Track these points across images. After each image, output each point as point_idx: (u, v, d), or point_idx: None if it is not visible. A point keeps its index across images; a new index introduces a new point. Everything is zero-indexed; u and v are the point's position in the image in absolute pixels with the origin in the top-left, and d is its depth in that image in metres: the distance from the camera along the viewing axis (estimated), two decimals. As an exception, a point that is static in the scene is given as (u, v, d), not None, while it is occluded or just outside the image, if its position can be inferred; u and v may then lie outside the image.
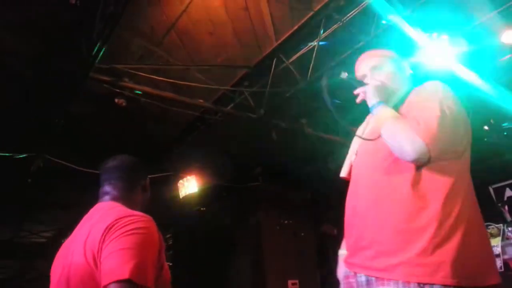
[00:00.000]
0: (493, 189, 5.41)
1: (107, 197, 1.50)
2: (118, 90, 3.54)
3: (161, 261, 1.34)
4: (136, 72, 3.53)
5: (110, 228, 1.26)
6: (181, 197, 5.10)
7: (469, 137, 1.43)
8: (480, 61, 3.50)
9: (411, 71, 1.64)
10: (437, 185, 1.31)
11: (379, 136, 1.42)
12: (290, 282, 5.30)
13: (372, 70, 1.58)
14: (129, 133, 4.67)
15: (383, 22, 3.10)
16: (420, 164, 1.32)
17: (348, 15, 3.29)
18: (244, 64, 3.94)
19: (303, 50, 3.73)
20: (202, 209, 6.08)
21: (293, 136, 4.83)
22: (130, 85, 3.53)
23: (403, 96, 1.53)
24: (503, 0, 3.11)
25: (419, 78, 1.65)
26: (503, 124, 4.46)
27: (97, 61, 3.08)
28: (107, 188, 1.51)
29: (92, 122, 4.45)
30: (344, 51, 3.42)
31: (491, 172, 4.73)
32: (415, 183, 1.32)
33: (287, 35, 3.63)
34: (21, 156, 4.29)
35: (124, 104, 3.72)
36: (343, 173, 1.63)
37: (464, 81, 3.93)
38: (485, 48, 3.44)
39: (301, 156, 5.61)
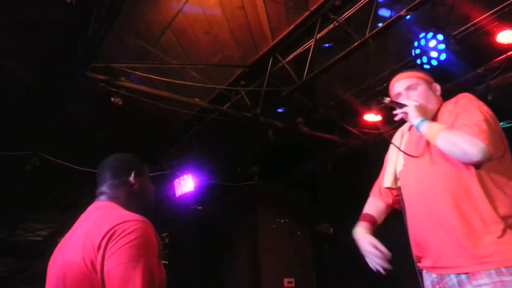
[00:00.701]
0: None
1: (103, 197, 1.50)
2: (114, 89, 3.53)
3: (159, 263, 1.35)
4: (132, 71, 3.53)
5: (111, 235, 1.26)
6: (177, 195, 5.11)
7: (505, 139, 1.60)
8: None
9: (440, 91, 1.78)
10: (499, 180, 1.49)
11: (428, 147, 1.62)
12: (286, 280, 5.31)
13: (407, 90, 1.73)
14: (126, 132, 4.68)
15: (379, 24, 3.10)
16: (482, 163, 1.48)
17: (344, 15, 3.31)
18: (240, 64, 3.95)
19: (299, 49, 3.75)
20: (198, 207, 6.09)
21: (289, 135, 4.85)
22: (126, 84, 3.53)
23: (434, 113, 1.70)
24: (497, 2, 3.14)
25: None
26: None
27: (93, 60, 3.08)
28: (102, 188, 1.51)
29: (89, 122, 4.45)
30: (340, 50, 3.44)
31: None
32: (481, 181, 1.48)
33: (283, 34, 3.65)
34: (17, 154, 4.29)
35: (120, 103, 3.72)
36: (388, 183, 1.78)
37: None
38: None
39: (298, 155, 5.63)
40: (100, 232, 1.27)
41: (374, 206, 1.91)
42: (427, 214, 1.57)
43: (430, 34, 3.30)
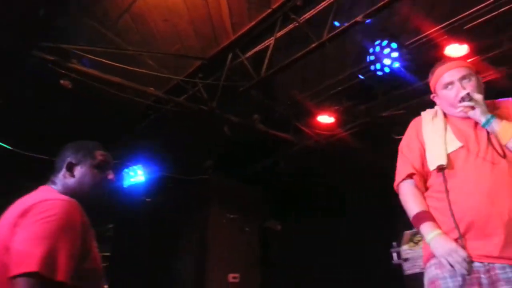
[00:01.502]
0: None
1: (47, 183, 1.51)
2: (64, 72, 3.37)
3: (87, 247, 1.31)
4: (85, 54, 3.38)
5: (25, 213, 1.22)
6: (125, 186, 4.96)
7: None
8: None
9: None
10: None
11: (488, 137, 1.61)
12: (231, 276, 5.33)
13: (461, 80, 1.67)
14: (74, 118, 4.47)
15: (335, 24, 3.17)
16: None
17: (304, 16, 3.35)
18: (199, 56, 3.90)
19: (258, 46, 3.76)
20: (148, 199, 5.96)
21: (245, 131, 4.86)
22: (77, 67, 3.38)
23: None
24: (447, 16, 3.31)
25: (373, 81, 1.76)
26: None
27: (42, 39, 2.91)
28: (52, 175, 1.53)
29: (35, 104, 4.21)
30: (298, 50, 3.48)
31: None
32: None
33: (244, 30, 3.64)
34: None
35: (70, 86, 3.56)
36: (441, 161, 1.63)
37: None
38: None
39: (252, 151, 5.65)
40: (19, 210, 1.24)
41: (422, 199, 1.70)
42: (490, 198, 1.52)
43: (384, 42, 3.43)
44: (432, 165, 1.65)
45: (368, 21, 3.03)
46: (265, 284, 5.77)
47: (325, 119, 4.76)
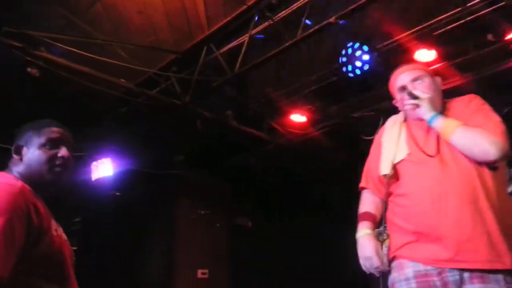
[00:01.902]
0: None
1: (6, 168, 1.44)
2: (30, 59, 3.26)
3: (40, 232, 1.23)
4: (54, 42, 3.28)
5: None
6: (93, 179, 4.85)
7: None
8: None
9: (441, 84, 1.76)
10: (503, 178, 1.55)
11: (438, 140, 1.59)
12: (200, 271, 5.32)
13: (413, 82, 1.68)
14: (41, 107, 4.33)
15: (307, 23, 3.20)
16: (499, 162, 1.50)
17: (279, 14, 3.37)
18: (173, 49, 3.85)
19: (233, 42, 3.75)
20: (116, 194, 5.85)
21: (218, 127, 4.84)
22: (45, 55, 3.28)
23: (440, 109, 1.66)
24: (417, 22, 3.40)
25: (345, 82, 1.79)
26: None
27: (7, 23, 2.81)
28: None
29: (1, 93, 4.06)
30: (272, 49, 3.50)
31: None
32: (497, 181, 1.51)
33: (219, 25, 3.63)
34: None
35: (37, 74, 3.45)
36: (386, 171, 1.67)
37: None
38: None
39: (224, 147, 5.64)
40: None
41: (372, 202, 1.78)
42: (439, 201, 1.50)
43: (357, 44, 3.48)
44: (381, 173, 1.70)
45: (342, 22, 3.08)
46: (234, 281, 5.78)
47: (298, 118, 4.80)
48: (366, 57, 3.56)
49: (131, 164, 5.15)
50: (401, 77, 1.73)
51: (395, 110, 1.90)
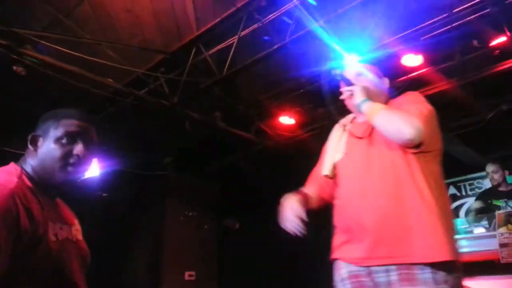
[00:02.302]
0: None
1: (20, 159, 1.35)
2: (17, 57, 3.22)
3: (35, 236, 1.13)
4: (40, 41, 3.25)
5: None
6: (78, 180, 4.79)
7: (441, 140, 1.63)
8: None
9: (388, 85, 1.79)
10: (436, 176, 1.51)
11: (370, 134, 1.59)
12: (187, 273, 5.29)
13: (357, 76, 1.74)
14: (29, 106, 4.28)
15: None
16: (415, 144, 1.46)
17: (269, 17, 3.38)
18: (162, 49, 3.84)
19: (222, 44, 3.75)
20: (103, 194, 5.80)
21: (206, 128, 4.83)
22: (32, 53, 3.24)
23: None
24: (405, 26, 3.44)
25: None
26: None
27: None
28: None
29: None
30: (261, 50, 3.51)
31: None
32: (422, 169, 1.48)
33: (208, 26, 3.62)
34: None
35: (23, 73, 3.41)
36: (326, 171, 1.71)
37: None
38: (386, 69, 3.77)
39: (213, 149, 5.63)
40: None
41: (310, 190, 1.83)
42: (362, 198, 1.52)
43: (344, 48, 3.51)
44: (323, 173, 1.74)
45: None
46: (222, 282, 5.76)
47: (286, 120, 4.82)
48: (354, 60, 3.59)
49: (118, 165, 5.11)
50: (348, 72, 1.80)
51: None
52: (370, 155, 1.57)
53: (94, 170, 4.77)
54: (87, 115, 1.36)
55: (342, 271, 1.54)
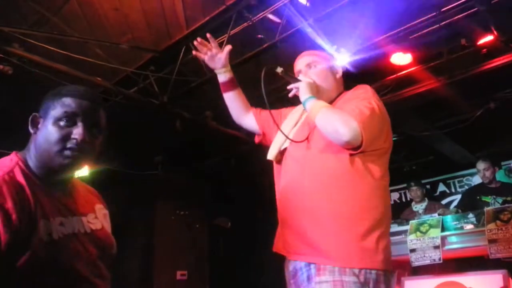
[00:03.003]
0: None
1: None
2: (3, 56, 3.18)
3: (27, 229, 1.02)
4: (26, 39, 3.21)
5: None
6: (78, 168, 4.74)
7: (391, 141, 1.57)
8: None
9: (341, 75, 1.73)
10: (370, 177, 1.44)
11: (308, 138, 1.54)
12: (179, 273, 5.28)
13: (306, 67, 1.68)
14: (16, 106, 4.23)
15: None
16: (353, 146, 1.40)
17: (258, 15, 3.38)
18: (151, 48, 3.81)
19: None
20: (93, 194, 5.74)
21: (197, 127, 4.81)
22: (18, 51, 3.20)
23: (333, 99, 1.64)
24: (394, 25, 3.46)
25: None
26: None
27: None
28: None
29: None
30: (251, 49, 3.50)
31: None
32: (353, 172, 1.43)
33: (197, 25, 3.60)
34: None
35: (10, 72, 3.37)
36: (270, 156, 1.66)
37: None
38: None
39: (204, 148, 5.62)
40: None
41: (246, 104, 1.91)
42: (293, 197, 1.50)
43: (334, 47, 3.52)
44: (267, 157, 1.68)
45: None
46: (213, 281, 5.76)
47: (277, 118, 4.81)
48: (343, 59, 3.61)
49: (108, 164, 5.07)
50: (298, 62, 1.76)
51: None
52: (307, 154, 1.53)
53: (83, 170, 4.72)
54: (93, 94, 1.21)
55: (286, 272, 1.57)
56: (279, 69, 1.65)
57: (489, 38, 3.43)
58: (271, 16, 3.26)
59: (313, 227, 1.41)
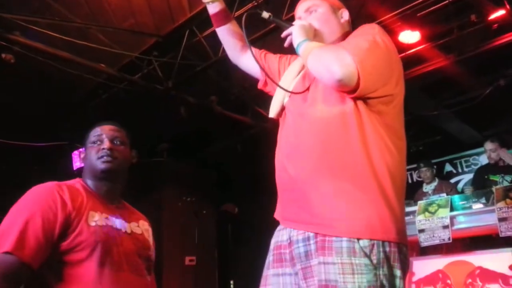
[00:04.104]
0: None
1: None
2: (5, 44, 3.13)
3: (67, 227, 1.38)
4: (29, 26, 3.15)
5: None
6: (75, 169, 4.75)
7: (402, 84, 1.32)
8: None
9: (347, 19, 1.50)
10: (379, 134, 1.23)
11: (308, 88, 1.35)
12: (187, 258, 5.30)
13: (306, 12, 1.48)
14: (20, 96, 4.19)
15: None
16: (349, 87, 1.18)
17: (261, -4, 3.30)
18: (154, 33, 3.75)
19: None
20: (100, 182, 5.75)
21: (202, 113, 4.77)
22: (21, 39, 3.15)
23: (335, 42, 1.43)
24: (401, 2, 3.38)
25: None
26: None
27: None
28: None
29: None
30: (257, 30, 3.44)
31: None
32: (361, 123, 1.22)
33: (201, 7, 3.53)
34: None
35: (12, 60, 3.33)
36: (272, 114, 1.47)
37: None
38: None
39: (209, 134, 5.59)
40: None
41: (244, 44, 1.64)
42: (291, 157, 1.32)
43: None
44: (269, 115, 1.49)
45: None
46: (222, 267, 5.79)
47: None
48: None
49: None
50: (297, 9, 1.55)
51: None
52: (306, 107, 1.33)
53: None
54: (108, 121, 1.68)
55: (272, 240, 1.38)
56: (266, 14, 1.47)
57: (500, 12, 3.35)
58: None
59: (314, 191, 1.22)
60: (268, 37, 3.44)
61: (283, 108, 1.44)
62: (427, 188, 4.46)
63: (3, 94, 4.02)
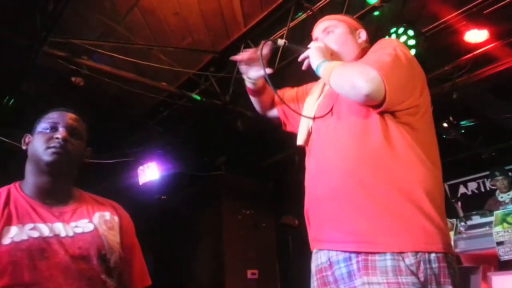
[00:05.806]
0: (448, 185, 5.65)
1: None
2: (74, 68, 3.34)
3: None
4: (95, 49, 3.34)
5: None
6: (140, 184, 4.94)
7: (427, 95, 1.32)
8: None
9: (365, 39, 1.48)
10: (409, 145, 1.20)
11: (331, 109, 1.33)
12: (249, 272, 5.29)
13: (323, 33, 1.47)
14: (86, 115, 4.46)
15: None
16: (377, 101, 1.17)
17: (318, 4, 3.26)
18: (211, 49, 3.83)
19: (271, 37, 3.67)
20: (162, 197, 5.94)
21: (258, 125, 4.78)
22: (88, 62, 3.35)
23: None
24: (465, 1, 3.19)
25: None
26: (461, 122, 4.60)
27: (52, 34, 2.88)
28: None
29: (46, 102, 4.20)
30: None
31: (447, 168, 4.87)
32: (389, 143, 1.19)
33: (256, 21, 3.56)
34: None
35: (81, 83, 3.53)
36: (300, 141, 1.47)
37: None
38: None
39: (266, 146, 5.58)
40: None
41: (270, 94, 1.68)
42: (320, 178, 1.29)
43: (401, 29, 3.31)
44: (297, 143, 1.48)
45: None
46: (284, 280, 5.71)
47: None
48: (411, 41, 3.38)
49: (175, 167, 5.20)
50: (315, 30, 1.52)
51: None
52: (332, 127, 1.32)
53: (154, 173, 4.88)
54: (69, 108, 1.40)
55: (312, 265, 1.33)
56: (281, 41, 1.48)
57: None
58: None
59: (347, 208, 1.19)
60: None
61: (309, 134, 1.44)
62: (504, 197, 4.12)
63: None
